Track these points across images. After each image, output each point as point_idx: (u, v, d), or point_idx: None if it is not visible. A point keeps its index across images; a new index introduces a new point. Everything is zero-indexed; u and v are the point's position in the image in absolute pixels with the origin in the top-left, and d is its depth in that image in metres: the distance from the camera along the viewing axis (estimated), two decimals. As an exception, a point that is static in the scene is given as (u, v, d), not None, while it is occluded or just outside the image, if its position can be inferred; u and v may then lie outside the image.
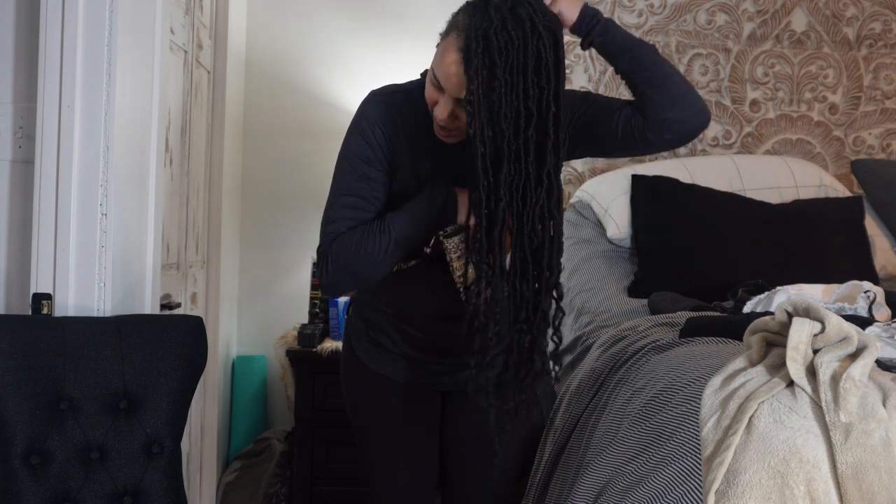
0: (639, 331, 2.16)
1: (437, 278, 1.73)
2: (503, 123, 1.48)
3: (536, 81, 1.49)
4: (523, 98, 1.48)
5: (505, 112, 1.48)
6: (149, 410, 1.83)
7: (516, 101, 1.48)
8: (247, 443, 3.31)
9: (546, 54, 1.49)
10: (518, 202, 1.53)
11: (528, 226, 1.54)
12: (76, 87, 1.94)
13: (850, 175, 3.38)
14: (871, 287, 2.16)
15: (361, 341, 1.89)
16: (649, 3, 3.38)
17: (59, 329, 1.81)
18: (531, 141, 1.50)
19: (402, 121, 1.71)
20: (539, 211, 1.54)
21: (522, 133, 1.49)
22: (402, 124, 1.71)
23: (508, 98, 1.48)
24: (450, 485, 1.97)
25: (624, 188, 2.92)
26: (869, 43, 3.48)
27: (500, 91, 1.47)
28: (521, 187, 1.52)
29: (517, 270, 1.56)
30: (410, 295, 1.80)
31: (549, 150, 1.52)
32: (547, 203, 1.54)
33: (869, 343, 1.42)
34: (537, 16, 1.50)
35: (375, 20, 3.42)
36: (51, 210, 1.94)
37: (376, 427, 1.91)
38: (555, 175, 1.54)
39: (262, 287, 3.42)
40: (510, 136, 1.49)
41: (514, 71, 1.47)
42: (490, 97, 1.48)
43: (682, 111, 1.63)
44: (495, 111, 1.48)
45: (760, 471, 1.32)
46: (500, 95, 1.47)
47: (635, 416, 1.73)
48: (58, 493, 1.76)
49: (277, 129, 3.42)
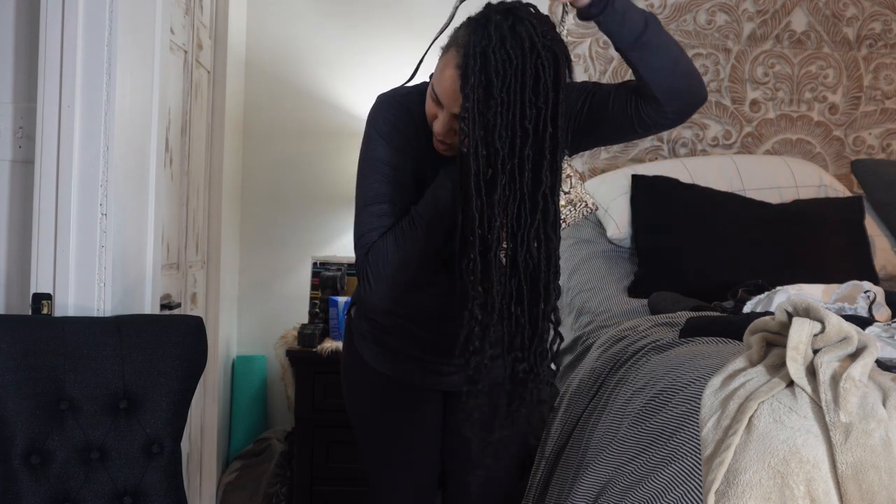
0: (639, 331, 2.16)
1: (444, 279, 1.71)
2: (498, 142, 1.46)
3: (534, 101, 1.47)
4: (520, 117, 1.46)
5: (500, 131, 1.46)
6: (149, 410, 1.83)
7: (512, 120, 1.46)
8: (247, 443, 3.31)
9: (545, 74, 1.47)
10: (513, 223, 1.50)
11: (522, 248, 1.51)
12: (76, 87, 1.94)
13: (850, 175, 3.38)
14: (871, 287, 2.16)
15: (366, 342, 1.89)
16: (649, 3, 3.38)
17: (59, 329, 1.81)
18: (527, 161, 1.48)
19: (420, 120, 1.70)
20: (534, 233, 1.50)
21: (518, 153, 1.47)
22: (421, 124, 1.70)
23: (504, 117, 1.46)
24: (450, 486, 1.97)
25: (624, 188, 2.92)
26: (869, 43, 3.48)
27: (495, 109, 1.45)
28: (517, 208, 1.49)
29: (512, 294, 1.52)
30: (418, 296, 1.77)
31: (546, 171, 1.49)
32: (543, 225, 1.51)
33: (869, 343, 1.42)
34: (538, 35, 1.48)
35: (376, 20, 3.42)
36: (51, 210, 1.94)
37: (380, 428, 1.90)
38: (551, 197, 1.51)
39: (262, 287, 3.42)
40: (505, 156, 1.47)
41: (511, 90, 1.46)
42: (486, 115, 1.46)
43: (681, 101, 1.62)
44: (490, 129, 1.46)
45: (760, 471, 1.32)
46: (495, 114, 1.45)
47: (635, 416, 1.73)
48: (58, 493, 1.76)
49: (277, 129, 3.42)
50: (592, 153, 3.38)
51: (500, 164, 1.47)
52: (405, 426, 1.89)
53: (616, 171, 3.14)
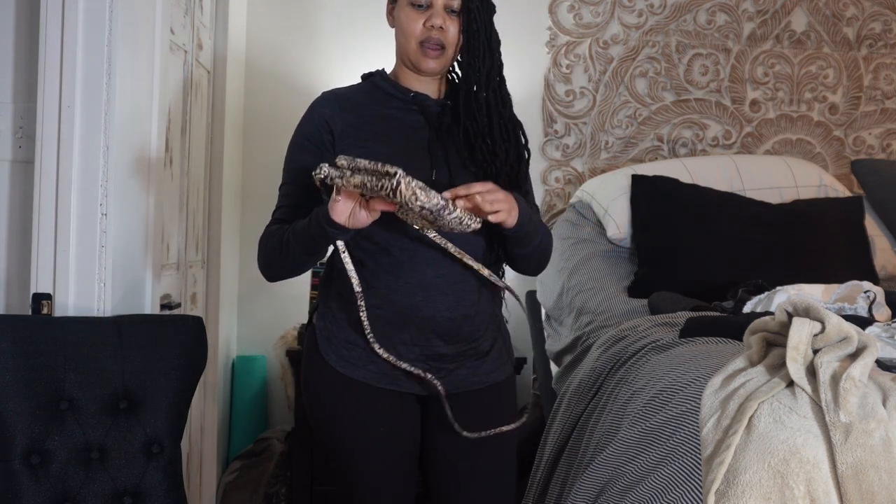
0: (639, 331, 2.16)
1: (429, 279, 1.71)
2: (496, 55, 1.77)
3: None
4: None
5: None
6: (149, 410, 1.83)
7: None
8: (247, 443, 3.31)
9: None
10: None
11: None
12: (76, 87, 1.94)
13: (850, 175, 3.38)
14: (871, 287, 2.16)
15: (333, 345, 1.77)
16: (649, 3, 3.38)
17: (59, 329, 1.81)
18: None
19: (355, 107, 1.79)
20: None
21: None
22: (355, 112, 1.78)
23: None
24: (435, 499, 1.86)
25: (624, 188, 2.92)
26: (869, 43, 3.48)
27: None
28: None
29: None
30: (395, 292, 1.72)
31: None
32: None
33: (869, 343, 1.42)
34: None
35: (376, 20, 3.41)
36: (51, 210, 1.94)
37: (352, 437, 1.76)
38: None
39: (262, 287, 3.41)
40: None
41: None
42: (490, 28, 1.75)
43: (526, 274, 1.87)
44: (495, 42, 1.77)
45: (760, 471, 1.32)
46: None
47: (635, 416, 1.73)
48: (58, 493, 1.76)
49: (277, 128, 3.41)
50: (592, 153, 3.38)
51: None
52: (380, 433, 1.76)
53: (616, 171, 3.15)
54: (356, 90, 1.84)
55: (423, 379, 1.72)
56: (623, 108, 3.40)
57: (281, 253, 1.72)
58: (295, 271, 1.77)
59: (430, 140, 1.77)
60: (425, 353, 1.73)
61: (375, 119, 1.78)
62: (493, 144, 1.75)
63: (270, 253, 1.76)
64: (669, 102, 3.41)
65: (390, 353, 1.71)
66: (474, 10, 1.73)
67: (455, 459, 1.79)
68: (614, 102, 3.39)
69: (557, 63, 3.37)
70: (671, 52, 3.40)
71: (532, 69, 3.37)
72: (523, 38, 3.31)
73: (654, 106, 3.40)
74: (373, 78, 1.86)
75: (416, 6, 1.73)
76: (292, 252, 1.70)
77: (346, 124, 1.77)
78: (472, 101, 1.76)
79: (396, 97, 1.80)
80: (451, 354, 1.74)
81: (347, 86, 1.86)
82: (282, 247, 1.71)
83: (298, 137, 1.82)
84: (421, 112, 1.79)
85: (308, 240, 1.67)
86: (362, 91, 1.83)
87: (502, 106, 1.78)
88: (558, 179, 3.39)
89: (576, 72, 3.38)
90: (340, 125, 1.76)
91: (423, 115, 1.79)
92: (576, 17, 3.38)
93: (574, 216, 3.04)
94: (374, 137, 1.75)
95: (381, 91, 1.81)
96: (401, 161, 1.55)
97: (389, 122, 1.78)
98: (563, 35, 3.38)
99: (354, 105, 1.79)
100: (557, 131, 3.38)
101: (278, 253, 1.73)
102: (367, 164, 1.52)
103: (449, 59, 1.77)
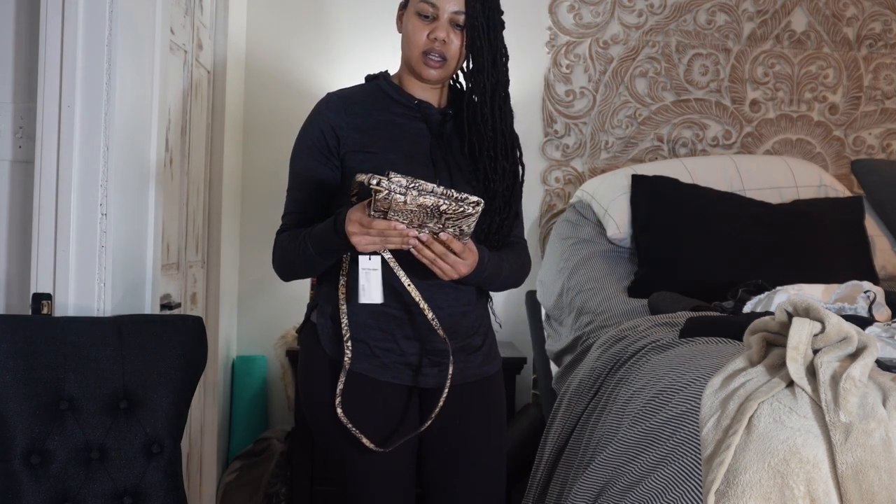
0: (639, 331, 2.16)
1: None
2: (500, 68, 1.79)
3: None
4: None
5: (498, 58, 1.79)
6: (149, 410, 1.83)
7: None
8: (247, 443, 3.31)
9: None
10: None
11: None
12: (76, 87, 1.94)
13: (850, 175, 3.38)
14: (871, 287, 2.16)
15: (332, 342, 1.79)
16: (649, 3, 3.38)
17: (59, 329, 1.81)
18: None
19: (360, 112, 1.80)
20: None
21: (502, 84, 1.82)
22: (360, 116, 1.80)
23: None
24: (432, 495, 1.89)
25: (624, 188, 2.92)
26: (869, 43, 3.48)
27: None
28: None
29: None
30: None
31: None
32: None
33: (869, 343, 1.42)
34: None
35: (376, 19, 3.42)
36: (51, 210, 1.94)
37: (363, 430, 1.75)
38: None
39: (262, 287, 3.42)
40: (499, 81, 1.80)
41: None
42: (494, 42, 1.77)
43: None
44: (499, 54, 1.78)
45: (760, 471, 1.32)
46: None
47: (635, 416, 1.73)
48: (58, 493, 1.76)
49: (277, 129, 3.41)
50: (592, 153, 3.39)
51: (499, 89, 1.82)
52: (380, 427, 1.77)
53: (616, 171, 3.15)
54: (360, 92, 1.86)
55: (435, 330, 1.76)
56: (623, 108, 3.40)
57: (300, 256, 1.76)
58: (312, 273, 1.82)
59: (433, 148, 1.80)
60: (425, 348, 1.80)
61: (380, 124, 1.80)
62: (494, 160, 1.79)
63: (289, 259, 1.79)
64: (669, 102, 3.41)
65: (392, 347, 1.78)
66: (479, 27, 1.75)
67: (455, 446, 1.85)
68: (614, 102, 3.39)
69: (557, 63, 3.37)
70: (671, 52, 3.40)
71: (532, 69, 3.37)
72: (523, 38, 3.30)
73: (654, 106, 3.40)
74: (377, 81, 1.87)
75: (423, 17, 1.77)
76: (311, 259, 1.75)
77: (351, 129, 1.79)
78: (477, 116, 1.79)
79: (400, 103, 1.83)
80: (448, 349, 1.77)
81: (351, 87, 1.88)
82: (300, 252, 1.75)
83: (304, 141, 1.83)
84: (423, 120, 1.82)
85: (329, 252, 1.72)
86: (366, 93, 1.85)
87: (505, 122, 1.82)
88: (558, 179, 3.39)
89: (576, 72, 3.38)
90: (346, 129, 1.79)
91: (426, 124, 1.82)
92: (576, 17, 3.38)
93: (574, 216, 3.04)
94: (380, 144, 1.78)
95: (385, 95, 1.84)
96: (405, 169, 1.59)
97: (393, 129, 1.81)
98: (563, 35, 3.38)
99: (359, 108, 1.81)
100: (557, 131, 3.38)
101: (297, 256, 1.76)
102: (437, 189, 1.52)
103: (450, 70, 1.80)
